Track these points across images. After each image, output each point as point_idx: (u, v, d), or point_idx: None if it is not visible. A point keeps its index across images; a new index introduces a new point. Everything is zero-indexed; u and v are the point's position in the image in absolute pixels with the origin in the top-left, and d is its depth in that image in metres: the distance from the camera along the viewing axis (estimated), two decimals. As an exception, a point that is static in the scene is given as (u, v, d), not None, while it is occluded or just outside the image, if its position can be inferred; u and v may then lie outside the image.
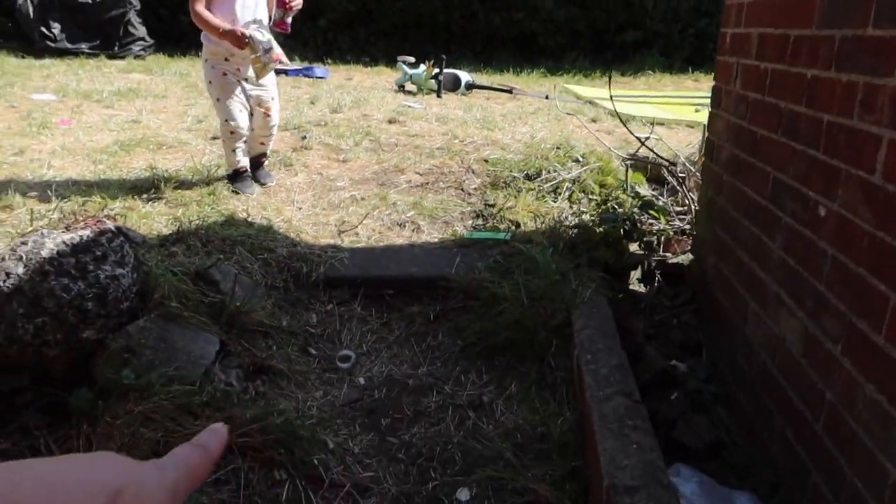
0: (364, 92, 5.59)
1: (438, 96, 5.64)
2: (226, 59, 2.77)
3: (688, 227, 2.87)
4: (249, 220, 2.74)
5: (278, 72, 6.81)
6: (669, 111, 5.46)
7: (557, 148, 3.63)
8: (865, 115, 1.38)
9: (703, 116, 2.57)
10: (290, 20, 2.76)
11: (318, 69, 7.03)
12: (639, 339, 2.32)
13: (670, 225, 2.88)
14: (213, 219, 2.65)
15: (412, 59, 6.02)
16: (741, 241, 2.11)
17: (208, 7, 2.66)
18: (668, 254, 2.85)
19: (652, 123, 3.90)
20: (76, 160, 3.31)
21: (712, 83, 2.47)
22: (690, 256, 2.72)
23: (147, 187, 2.90)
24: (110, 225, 1.88)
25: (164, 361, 1.83)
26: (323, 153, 3.52)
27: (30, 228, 1.97)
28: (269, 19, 2.77)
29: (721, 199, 2.35)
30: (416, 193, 3.22)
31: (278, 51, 2.66)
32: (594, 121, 4.69)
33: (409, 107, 4.89)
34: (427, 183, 3.32)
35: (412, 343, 2.32)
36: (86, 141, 3.65)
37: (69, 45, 7.17)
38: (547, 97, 5.50)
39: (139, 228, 2.45)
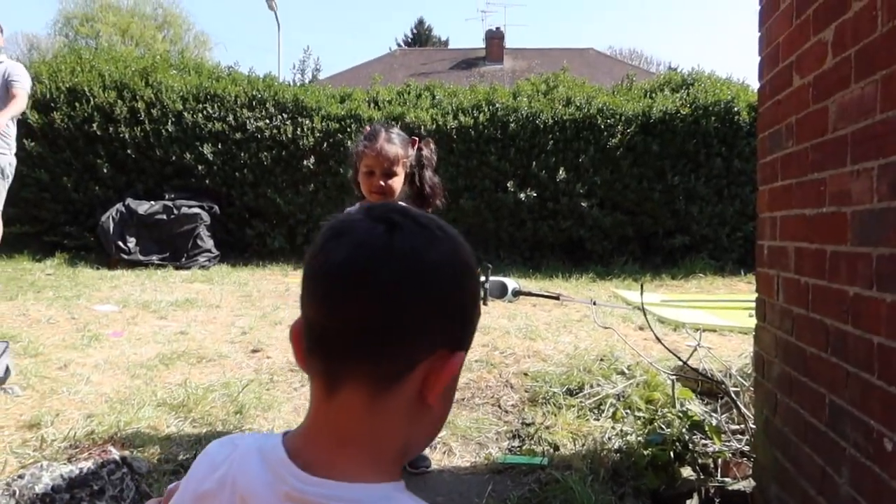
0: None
1: (484, 304, 5.66)
2: None
3: (746, 448, 2.61)
4: (273, 440, 2.62)
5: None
6: (722, 316, 5.29)
7: (601, 360, 3.48)
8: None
9: (755, 323, 2.44)
10: None
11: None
12: (698, 585, 2.02)
13: (726, 446, 2.63)
14: (234, 439, 2.54)
15: (458, 268, 6.13)
16: (804, 471, 1.87)
17: None
18: (727, 479, 2.57)
19: (699, 330, 3.74)
20: (115, 374, 3.34)
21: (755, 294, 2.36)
22: (752, 482, 2.44)
23: (176, 405, 2.85)
24: (115, 455, 1.80)
25: None
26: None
27: (31, 460, 1.92)
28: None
29: (777, 420, 2.14)
30: (451, 411, 3.07)
31: None
32: (641, 328, 4.56)
33: (452, 316, 4.89)
34: (462, 399, 3.18)
35: (434, 590, 2.06)
36: (130, 354, 3.71)
37: (141, 258, 7.68)
38: (594, 303, 5.45)
39: (157, 452, 2.36)
